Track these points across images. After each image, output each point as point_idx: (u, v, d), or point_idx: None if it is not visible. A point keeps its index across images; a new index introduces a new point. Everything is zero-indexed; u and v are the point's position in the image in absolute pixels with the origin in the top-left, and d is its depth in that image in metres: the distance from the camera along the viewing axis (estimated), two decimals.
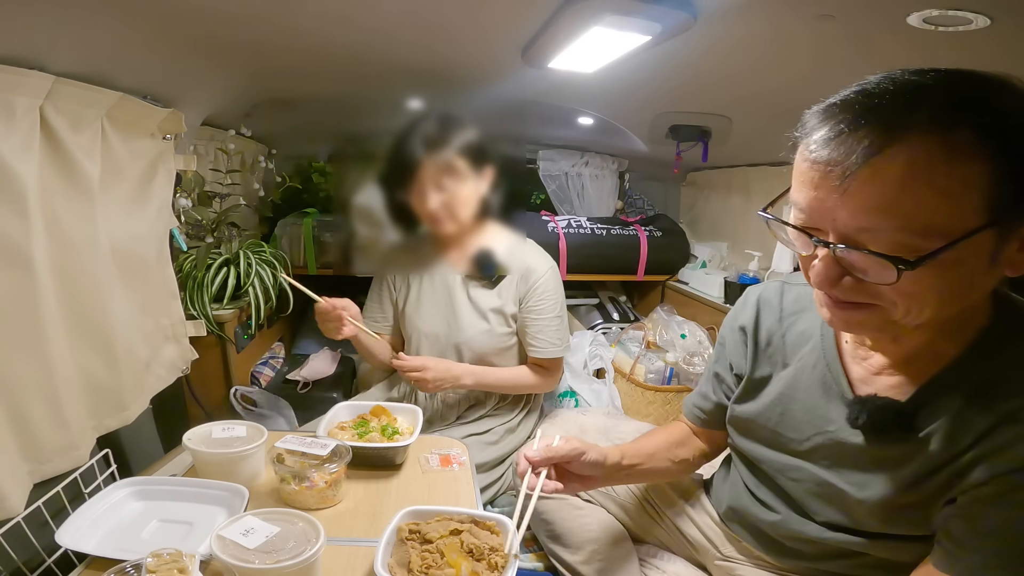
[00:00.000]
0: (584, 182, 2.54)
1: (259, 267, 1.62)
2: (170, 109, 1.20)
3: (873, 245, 0.56)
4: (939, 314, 0.61)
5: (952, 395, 0.66)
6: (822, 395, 0.78)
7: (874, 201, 0.54)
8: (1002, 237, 0.56)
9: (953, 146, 0.52)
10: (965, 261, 0.56)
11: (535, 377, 1.46)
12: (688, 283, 2.32)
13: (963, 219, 0.53)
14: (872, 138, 0.54)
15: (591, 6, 0.94)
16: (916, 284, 0.57)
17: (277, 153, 2.19)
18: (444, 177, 1.29)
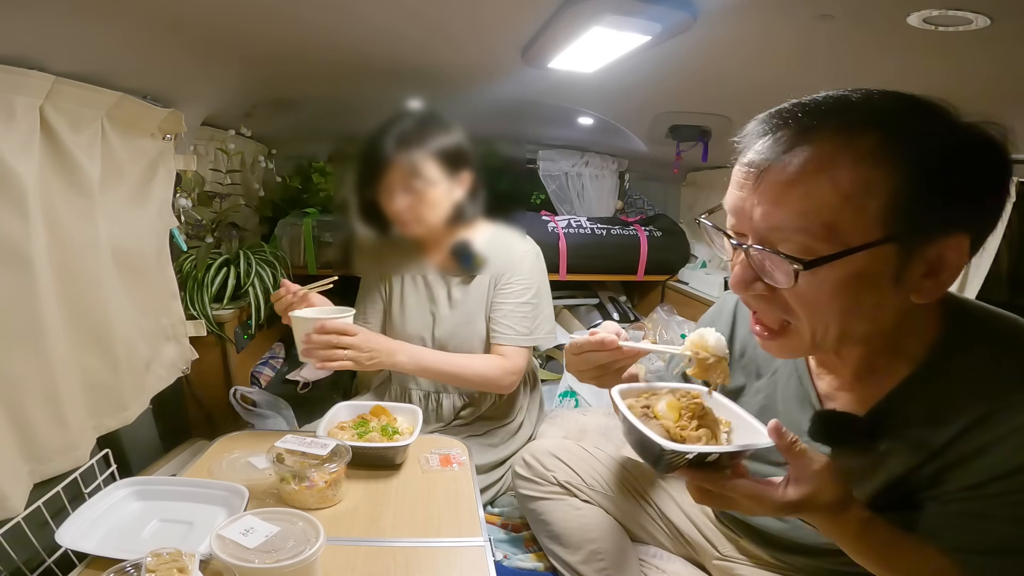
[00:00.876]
0: (584, 182, 2.54)
1: (259, 267, 1.62)
2: (170, 109, 1.20)
3: (781, 246, 0.58)
4: (848, 332, 0.61)
5: (909, 409, 0.66)
6: (797, 407, 0.79)
7: (781, 197, 0.57)
8: (905, 256, 0.56)
9: (858, 149, 0.54)
10: (867, 276, 0.57)
11: (488, 366, 1.34)
12: (688, 283, 2.32)
13: (863, 228, 0.55)
14: (787, 139, 0.57)
15: (591, 6, 0.94)
16: (816, 294, 0.58)
17: (277, 153, 2.19)
18: (412, 179, 1.24)
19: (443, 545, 0.91)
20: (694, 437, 0.67)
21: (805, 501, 0.62)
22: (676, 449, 0.63)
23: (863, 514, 0.66)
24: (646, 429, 0.65)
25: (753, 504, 0.64)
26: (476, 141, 1.36)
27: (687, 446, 0.64)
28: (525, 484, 1.13)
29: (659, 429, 0.67)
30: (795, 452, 0.63)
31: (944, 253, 0.57)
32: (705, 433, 0.68)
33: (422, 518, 0.97)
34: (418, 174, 1.24)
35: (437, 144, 1.25)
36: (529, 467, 1.13)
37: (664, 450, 0.63)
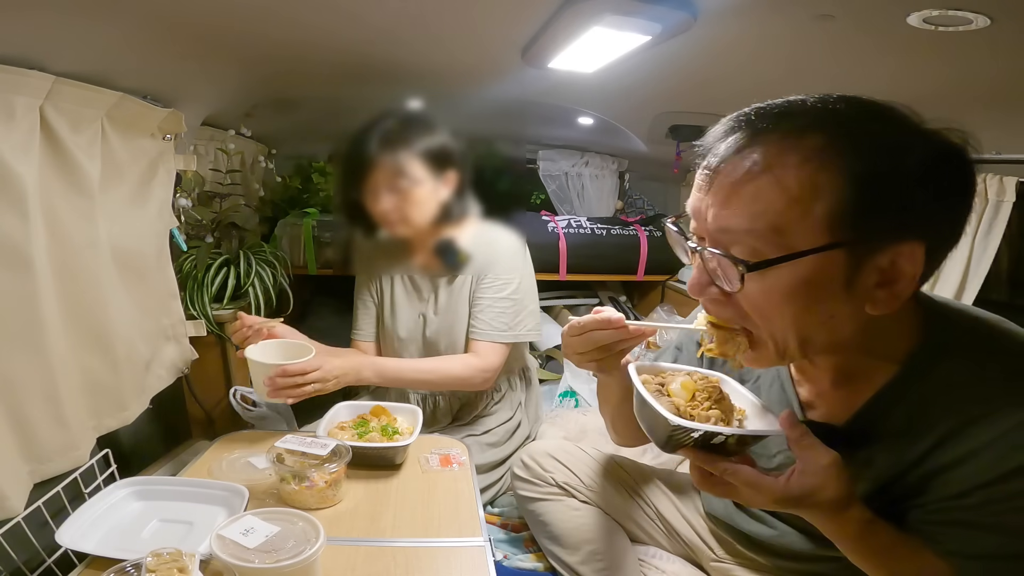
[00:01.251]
0: (584, 182, 2.54)
1: (259, 267, 1.62)
2: (170, 109, 1.20)
3: (731, 248, 0.57)
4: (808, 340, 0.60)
5: (889, 417, 0.65)
6: None
7: (727, 198, 0.56)
8: (855, 263, 0.55)
9: (804, 151, 0.54)
10: (816, 283, 0.56)
11: (459, 367, 1.32)
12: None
13: (810, 232, 0.54)
14: (739, 141, 0.57)
15: (591, 6, 0.94)
16: (765, 299, 0.58)
17: (277, 153, 2.19)
18: (397, 179, 1.23)
19: (443, 545, 0.91)
20: (703, 417, 0.66)
21: (807, 495, 0.61)
22: (683, 425, 0.62)
23: (864, 515, 0.65)
24: (655, 403, 0.64)
25: (752, 493, 0.63)
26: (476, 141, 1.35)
27: (694, 423, 0.63)
28: (523, 485, 1.13)
29: (670, 406, 0.66)
30: (804, 444, 0.62)
31: (897, 262, 0.55)
32: (715, 414, 0.67)
33: (422, 518, 0.97)
34: (403, 173, 1.23)
35: (421, 143, 1.25)
36: (527, 468, 1.13)
37: (671, 425, 0.62)
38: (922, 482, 0.64)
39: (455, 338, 1.38)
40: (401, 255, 1.41)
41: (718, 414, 0.67)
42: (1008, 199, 1.17)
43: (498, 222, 1.40)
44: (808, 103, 0.57)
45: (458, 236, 1.34)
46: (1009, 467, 0.57)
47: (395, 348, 1.44)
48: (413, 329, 1.41)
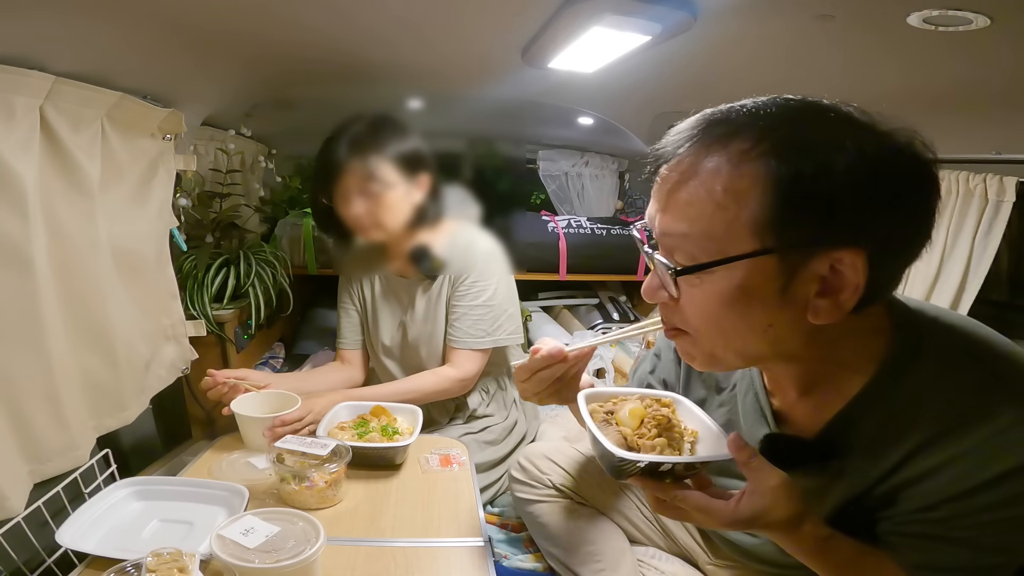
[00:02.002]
0: (584, 182, 2.54)
1: (259, 267, 1.62)
2: (170, 109, 1.20)
3: (676, 254, 0.57)
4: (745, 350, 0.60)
5: (861, 426, 0.64)
6: (756, 422, 0.77)
7: (664, 202, 0.57)
8: (788, 271, 0.54)
9: (732, 158, 0.53)
10: (749, 290, 0.55)
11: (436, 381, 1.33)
12: None
13: (738, 238, 0.53)
14: (680, 147, 0.57)
15: (591, 6, 0.94)
16: (703, 305, 0.57)
17: (277, 153, 2.19)
18: (368, 183, 1.22)
19: (443, 545, 0.91)
20: (649, 447, 0.66)
21: (757, 516, 0.61)
22: (626, 457, 0.63)
23: (821, 532, 0.64)
24: (600, 435, 0.65)
25: (703, 517, 0.63)
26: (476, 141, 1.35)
27: (638, 455, 0.64)
28: (521, 488, 1.13)
29: (617, 436, 0.67)
30: (752, 466, 0.62)
31: (839, 269, 0.53)
32: (661, 443, 0.67)
33: (422, 518, 0.97)
34: (374, 177, 1.23)
35: (392, 146, 1.24)
36: (524, 471, 1.13)
37: (614, 457, 0.63)
38: (891, 494, 0.63)
39: (435, 346, 1.39)
40: (377, 260, 1.41)
41: (664, 442, 0.67)
42: (1008, 199, 1.17)
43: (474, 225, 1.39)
44: (747, 108, 0.56)
45: (432, 241, 1.34)
46: (975, 482, 0.56)
47: (380, 355, 1.45)
48: (394, 335, 1.42)
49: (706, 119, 0.57)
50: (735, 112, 0.56)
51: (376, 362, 1.48)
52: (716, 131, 0.55)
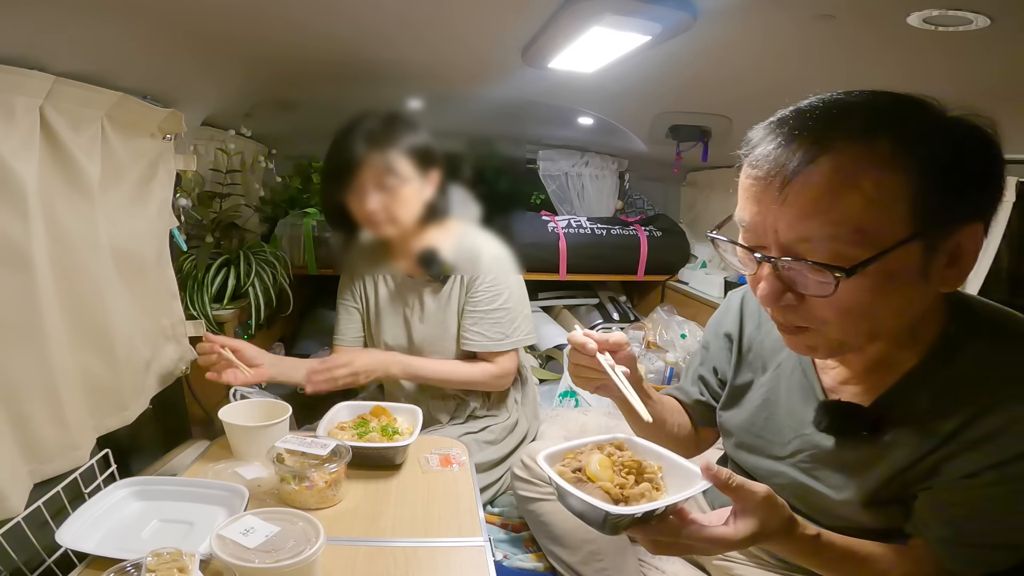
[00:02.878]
0: (584, 182, 2.54)
1: (259, 267, 1.62)
2: (170, 109, 1.20)
3: (811, 256, 0.58)
4: (877, 331, 0.64)
5: (913, 400, 0.68)
6: (801, 399, 0.80)
7: (809, 208, 0.57)
8: (929, 250, 0.58)
9: (876, 155, 0.56)
10: (898, 274, 0.58)
11: (477, 372, 1.36)
12: (688, 283, 2.33)
13: (892, 228, 0.56)
14: (804, 149, 0.57)
15: (591, 6, 0.94)
16: (852, 298, 0.59)
17: (277, 153, 2.19)
18: (385, 176, 1.22)
19: (443, 545, 0.91)
20: (636, 495, 0.67)
21: (758, 532, 0.64)
22: (622, 512, 0.63)
23: (810, 531, 0.68)
24: (587, 496, 0.65)
25: (711, 546, 0.65)
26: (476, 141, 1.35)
27: (632, 507, 0.64)
28: (523, 486, 1.13)
29: (598, 492, 0.67)
30: (733, 488, 0.63)
31: (961, 242, 0.59)
32: (645, 487, 0.68)
33: (422, 518, 0.97)
34: (391, 171, 1.22)
35: (407, 141, 1.24)
36: (527, 468, 1.13)
37: (608, 513, 0.63)
38: (936, 465, 0.66)
39: (443, 349, 1.38)
40: (384, 259, 1.40)
41: (648, 486, 0.69)
42: (1008, 199, 1.17)
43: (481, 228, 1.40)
44: (857, 103, 0.59)
45: (441, 242, 1.34)
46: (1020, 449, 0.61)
47: None
48: (399, 335, 1.41)
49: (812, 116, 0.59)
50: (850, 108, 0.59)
51: None
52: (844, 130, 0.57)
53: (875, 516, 0.74)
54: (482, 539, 0.92)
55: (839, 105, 0.60)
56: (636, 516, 0.64)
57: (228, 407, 1.16)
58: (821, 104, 0.60)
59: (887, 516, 0.73)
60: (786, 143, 0.59)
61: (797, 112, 0.61)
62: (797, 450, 0.80)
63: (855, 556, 0.70)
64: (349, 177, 1.24)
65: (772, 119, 0.63)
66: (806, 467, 0.79)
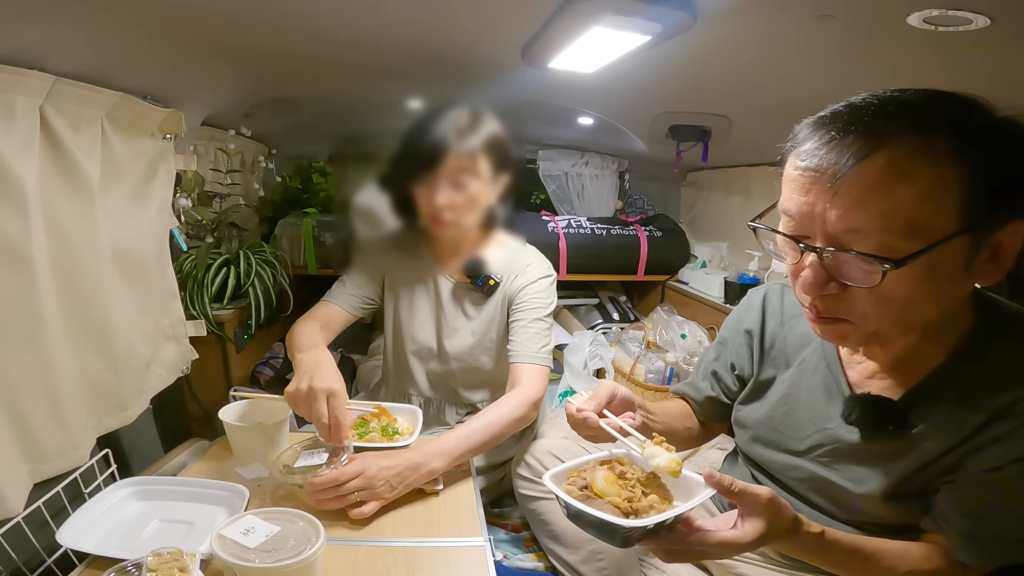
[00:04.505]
0: (584, 182, 2.54)
1: (259, 267, 1.62)
2: (170, 109, 1.20)
3: (858, 247, 0.60)
4: (914, 321, 0.65)
5: (942, 395, 0.70)
6: (824, 395, 0.81)
7: (861, 200, 0.59)
8: (975, 245, 0.60)
9: (932, 151, 0.57)
10: (943, 268, 0.60)
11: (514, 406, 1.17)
12: (688, 283, 2.32)
13: (942, 223, 0.58)
14: (860, 144, 0.59)
15: (591, 6, 0.94)
16: (896, 289, 0.60)
17: (277, 153, 2.19)
18: (463, 174, 1.17)
19: (443, 545, 0.91)
20: (646, 507, 0.69)
21: (767, 534, 0.65)
22: (635, 525, 0.65)
23: (815, 529, 0.70)
24: (600, 513, 0.66)
25: (723, 551, 0.67)
26: None
27: (645, 520, 0.66)
28: (525, 484, 1.13)
29: (608, 508, 0.68)
30: (736, 492, 0.65)
31: (1003, 239, 0.61)
32: (654, 499, 0.70)
33: (422, 518, 0.97)
34: (471, 168, 1.18)
35: (491, 139, 1.20)
36: (529, 467, 1.14)
37: (622, 528, 0.65)
38: (962, 459, 0.68)
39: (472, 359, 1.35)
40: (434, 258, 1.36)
41: (656, 498, 0.70)
42: None
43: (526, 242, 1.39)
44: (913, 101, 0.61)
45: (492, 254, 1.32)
46: None
47: (406, 355, 1.40)
48: (429, 337, 1.37)
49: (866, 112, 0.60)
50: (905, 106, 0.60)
51: (399, 361, 1.43)
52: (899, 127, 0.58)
53: (894, 510, 0.75)
54: (482, 539, 0.92)
55: (895, 102, 0.61)
56: (648, 528, 0.65)
57: (228, 407, 1.16)
58: (876, 101, 0.61)
59: (906, 510, 0.74)
60: (840, 137, 0.60)
61: (850, 107, 0.62)
62: (817, 444, 0.81)
63: (861, 552, 0.71)
64: (426, 167, 1.17)
65: (823, 113, 0.64)
66: (826, 461, 0.80)
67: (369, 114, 1.86)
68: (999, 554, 0.69)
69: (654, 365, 1.98)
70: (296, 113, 1.93)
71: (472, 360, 1.36)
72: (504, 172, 1.26)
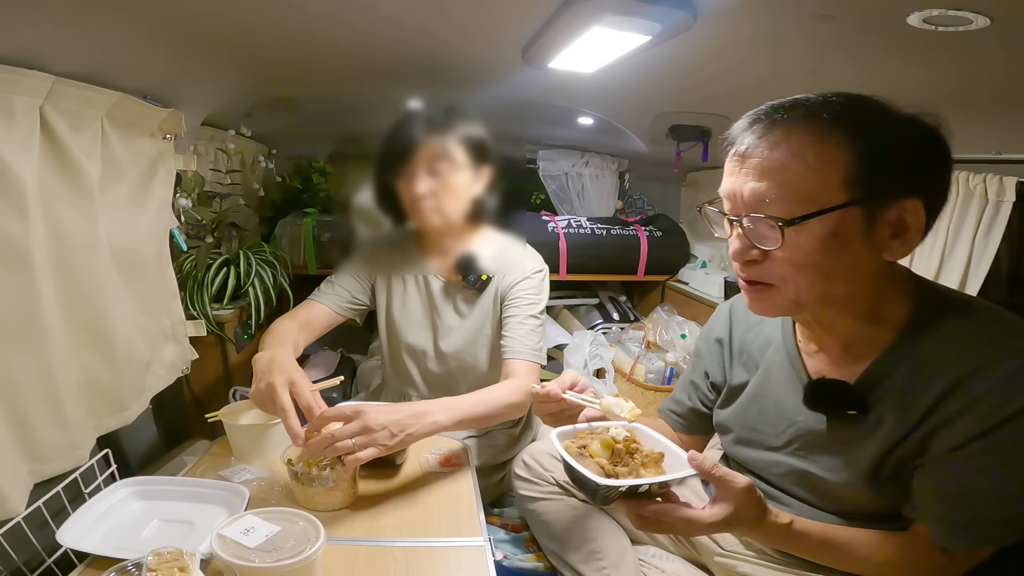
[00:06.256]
0: (584, 182, 2.54)
1: (259, 267, 1.62)
2: (170, 109, 1.20)
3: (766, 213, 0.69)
4: (829, 288, 0.71)
5: (894, 375, 0.74)
6: (789, 390, 0.85)
7: (763, 175, 0.69)
8: (870, 218, 0.68)
9: (818, 132, 0.68)
10: (841, 235, 0.68)
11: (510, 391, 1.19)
12: (688, 283, 2.33)
13: (831, 194, 0.67)
14: (761, 129, 0.70)
15: (591, 6, 0.94)
16: (800, 252, 0.69)
17: (277, 153, 2.19)
18: (438, 162, 1.20)
19: (443, 545, 0.91)
20: (625, 472, 0.75)
21: (731, 518, 0.71)
22: (609, 484, 0.71)
23: (783, 520, 0.75)
24: (580, 467, 0.74)
25: (686, 526, 0.73)
26: None
27: (619, 480, 0.72)
28: (524, 485, 1.13)
29: (595, 467, 0.75)
30: (716, 476, 0.71)
31: (903, 216, 0.68)
32: (634, 467, 0.75)
33: (422, 518, 0.97)
34: (445, 156, 1.21)
35: (465, 130, 1.23)
36: (528, 468, 1.14)
37: (599, 485, 0.71)
38: (923, 441, 0.71)
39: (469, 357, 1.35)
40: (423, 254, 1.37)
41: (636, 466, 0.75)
42: (1008, 199, 1.17)
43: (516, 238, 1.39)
44: (812, 97, 0.71)
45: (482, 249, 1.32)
46: (1002, 416, 0.65)
47: (402, 355, 1.40)
48: (424, 339, 1.37)
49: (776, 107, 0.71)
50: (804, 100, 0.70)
51: (395, 362, 1.42)
52: (794, 114, 0.69)
53: (875, 498, 0.77)
54: (482, 539, 0.92)
55: (798, 99, 0.71)
56: (621, 489, 0.72)
57: (228, 407, 1.16)
58: (787, 99, 0.72)
59: (886, 498, 0.77)
60: (750, 125, 0.72)
61: (768, 104, 0.72)
62: (792, 438, 0.84)
63: (832, 542, 0.76)
64: (403, 159, 1.21)
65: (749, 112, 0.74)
66: (802, 454, 0.83)
67: (369, 114, 1.86)
68: (980, 537, 0.70)
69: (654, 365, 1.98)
70: (296, 113, 1.93)
71: (470, 359, 1.36)
72: (485, 164, 1.27)
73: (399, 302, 1.38)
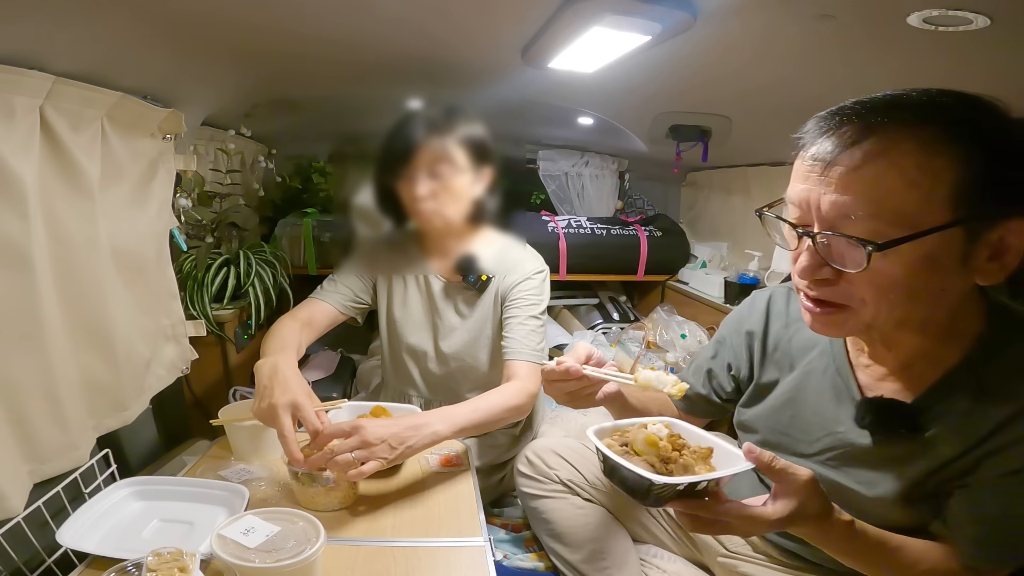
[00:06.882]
0: (584, 182, 2.54)
1: (259, 267, 1.62)
2: (170, 109, 1.20)
3: (849, 231, 0.60)
4: (911, 314, 0.65)
5: (955, 398, 0.69)
6: (832, 398, 0.80)
7: (850, 187, 0.60)
8: (971, 240, 0.60)
9: (922, 142, 0.58)
10: (936, 259, 0.60)
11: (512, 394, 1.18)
12: (688, 283, 2.32)
13: (931, 213, 0.58)
14: (853, 133, 0.60)
15: (591, 6, 0.94)
16: (886, 275, 0.61)
17: (277, 153, 2.19)
18: (439, 163, 1.20)
19: (443, 545, 0.91)
20: (679, 468, 0.69)
21: (794, 515, 0.65)
22: (667, 482, 0.65)
23: (845, 518, 0.70)
24: (631, 465, 0.67)
25: (747, 525, 0.67)
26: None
27: (676, 478, 0.66)
28: (527, 482, 1.13)
29: (644, 465, 0.68)
30: (776, 470, 0.65)
31: (1005, 237, 0.60)
32: (688, 463, 0.70)
33: (422, 518, 0.97)
34: (445, 157, 1.20)
35: (466, 131, 1.23)
36: (532, 465, 1.13)
37: (654, 483, 0.65)
38: (978, 462, 0.67)
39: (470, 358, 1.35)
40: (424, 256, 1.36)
41: (690, 462, 0.70)
42: None
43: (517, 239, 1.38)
44: (912, 96, 0.61)
45: (482, 250, 1.32)
46: None
47: (403, 356, 1.40)
48: (424, 340, 1.37)
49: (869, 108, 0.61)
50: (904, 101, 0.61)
51: (396, 362, 1.42)
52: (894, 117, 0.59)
53: (905, 513, 0.74)
54: (482, 539, 0.92)
55: (895, 97, 0.62)
56: (679, 488, 0.65)
57: (228, 407, 1.16)
58: (879, 96, 0.62)
59: (917, 514, 0.74)
60: (837, 127, 0.62)
61: (856, 102, 0.63)
62: (826, 448, 0.80)
63: (886, 546, 0.71)
64: (403, 160, 1.21)
65: (832, 108, 0.64)
66: (835, 464, 0.79)
67: (369, 114, 1.86)
68: (1008, 559, 0.68)
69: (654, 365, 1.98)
70: (296, 113, 1.93)
71: (470, 359, 1.36)
72: (486, 165, 1.26)
73: (400, 302, 1.38)
